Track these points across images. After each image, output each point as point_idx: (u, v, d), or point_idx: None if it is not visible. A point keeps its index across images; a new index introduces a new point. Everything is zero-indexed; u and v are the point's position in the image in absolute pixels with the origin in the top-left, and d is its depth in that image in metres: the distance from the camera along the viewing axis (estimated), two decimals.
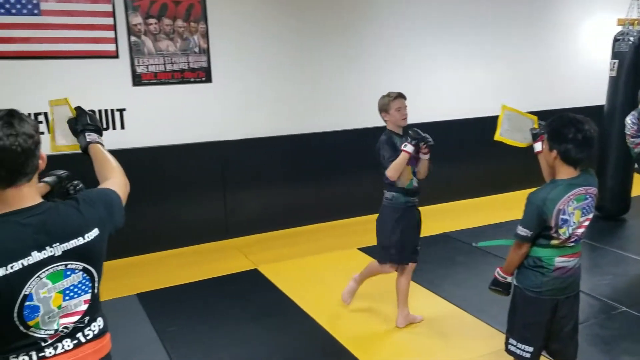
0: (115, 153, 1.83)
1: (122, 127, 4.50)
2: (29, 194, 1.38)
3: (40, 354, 1.38)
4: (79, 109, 1.90)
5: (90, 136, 1.81)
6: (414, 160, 3.23)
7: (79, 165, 1.94)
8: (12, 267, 1.29)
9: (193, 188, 4.86)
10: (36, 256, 1.33)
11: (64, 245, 1.38)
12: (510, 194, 6.21)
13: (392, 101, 3.23)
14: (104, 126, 4.44)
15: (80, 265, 1.42)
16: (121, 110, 4.49)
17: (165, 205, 4.75)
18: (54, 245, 1.37)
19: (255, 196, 5.15)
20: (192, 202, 4.88)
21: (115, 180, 1.65)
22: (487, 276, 3.88)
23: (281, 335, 3.38)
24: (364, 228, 5.14)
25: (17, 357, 1.35)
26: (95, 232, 1.46)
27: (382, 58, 5.55)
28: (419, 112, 5.70)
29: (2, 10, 3.95)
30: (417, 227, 3.37)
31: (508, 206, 5.67)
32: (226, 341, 3.27)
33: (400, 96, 3.26)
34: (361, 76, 5.45)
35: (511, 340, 2.45)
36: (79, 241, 1.42)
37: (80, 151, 1.84)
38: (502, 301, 2.70)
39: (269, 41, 5.00)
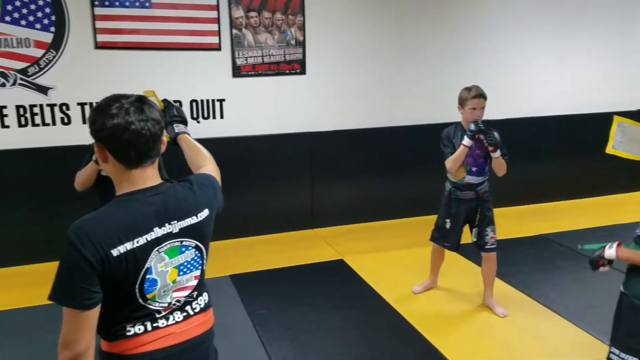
0: (213, 142, 1.94)
1: (222, 116, 4.70)
2: (152, 175, 1.47)
3: (154, 325, 1.47)
4: (166, 102, 1.98)
5: (179, 127, 1.88)
6: (473, 157, 3.31)
7: None
8: (137, 242, 1.39)
9: (283, 177, 4.98)
10: (157, 232, 1.43)
11: (180, 223, 1.47)
12: (618, 197, 5.85)
13: (469, 99, 3.22)
14: (205, 115, 4.67)
15: (193, 242, 1.51)
16: (221, 101, 4.69)
17: (257, 192, 4.92)
18: (172, 222, 1.46)
19: (341, 188, 5.20)
20: (281, 190, 5.00)
21: (210, 168, 1.72)
22: (587, 282, 3.69)
23: (367, 326, 3.40)
24: None
25: (133, 326, 1.44)
26: (206, 212, 1.54)
27: (479, 49, 5.37)
28: (515, 106, 5.52)
29: (117, 3, 4.25)
30: (466, 220, 3.48)
31: (613, 209, 5.37)
32: (313, 328, 3.34)
33: (480, 96, 3.22)
34: (457, 69, 5.31)
35: (613, 349, 2.32)
36: (193, 220, 1.50)
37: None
38: (603, 309, 2.56)
39: (363, 34, 5.00)
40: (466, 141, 3.20)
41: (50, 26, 4.12)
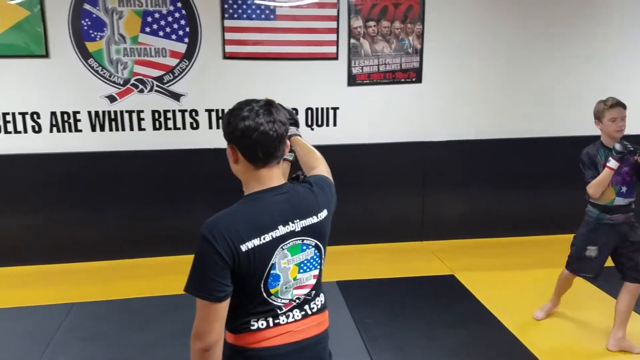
0: (326, 149, 1.97)
1: (335, 124, 4.78)
2: (277, 175, 1.54)
3: (276, 321, 1.53)
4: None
5: (291, 130, 1.92)
6: (621, 176, 3.00)
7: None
8: (264, 239, 1.45)
9: (394, 186, 4.94)
10: (281, 230, 1.48)
11: (302, 222, 1.52)
12: None
13: (607, 109, 2.94)
14: (319, 123, 4.77)
15: (313, 241, 1.55)
16: (335, 109, 4.77)
17: (367, 200, 4.91)
18: (295, 221, 1.51)
19: (453, 200, 5.04)
20: (391, 200, 4.96)
21: (323, 169, 1.77)
22: None
23: (479, 348, 3.24)
24: None
25: (257, 321, 1.51)
26: (325, 213, 1.58)
27: (610, 54, 4.98)
28: None
29: (245, 15, 4.48)
30: (614, 248, 3.10)
31: None
32: (421, 343, 3.26)
33: (618, 105, 2.94)
34: (588, 78, 4.96)
35: None
36: (314, 220, 1.55)
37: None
38: None
39: (483, 43, 4.84)
40: (612, 163, 2.90)
41: (184, 37, 4.45)
